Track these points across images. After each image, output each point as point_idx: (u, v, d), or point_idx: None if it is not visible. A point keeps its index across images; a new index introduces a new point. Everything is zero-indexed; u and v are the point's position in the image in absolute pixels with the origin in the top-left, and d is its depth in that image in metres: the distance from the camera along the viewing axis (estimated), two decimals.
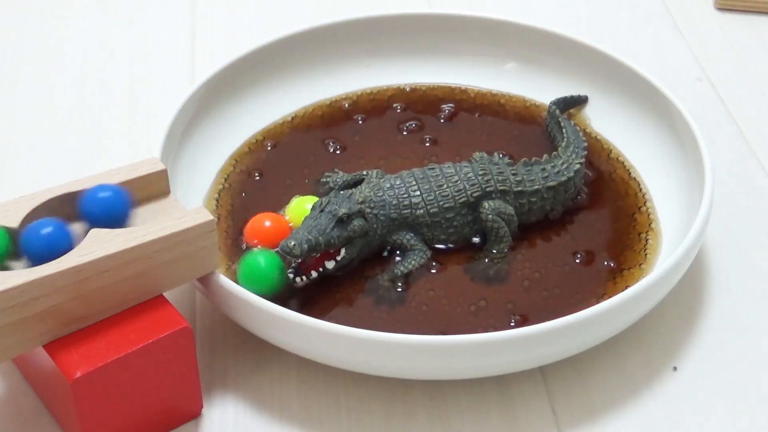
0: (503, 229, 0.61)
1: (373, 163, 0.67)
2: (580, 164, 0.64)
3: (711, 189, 0.59)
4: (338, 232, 0.58)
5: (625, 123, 0.69)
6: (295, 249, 0.56)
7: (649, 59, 0.79)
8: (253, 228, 0.60)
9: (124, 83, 0.79)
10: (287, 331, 0.53)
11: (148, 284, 0.52)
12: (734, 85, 0.78)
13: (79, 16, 0.86)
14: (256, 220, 0.61)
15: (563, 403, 0.56)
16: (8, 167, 0.71)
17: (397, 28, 0.74)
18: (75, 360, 0.49)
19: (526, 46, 0.73)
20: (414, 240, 0.60)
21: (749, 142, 0.73)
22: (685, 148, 0.64)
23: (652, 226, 0.63)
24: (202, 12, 0.86)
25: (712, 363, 0.58)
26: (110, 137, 0.74)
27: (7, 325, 0.48)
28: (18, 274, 0.48)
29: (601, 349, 0.57)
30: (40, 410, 0.55)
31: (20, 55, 0.81)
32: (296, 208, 0.62)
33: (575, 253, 0.62)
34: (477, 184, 0.61)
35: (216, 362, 0.58)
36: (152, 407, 0.53)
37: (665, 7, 0.87)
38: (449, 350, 0.52)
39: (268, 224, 0.60)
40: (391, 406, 0.56)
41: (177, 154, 0.64)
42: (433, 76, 0.74)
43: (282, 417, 0.55)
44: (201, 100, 0.67)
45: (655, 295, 0.56)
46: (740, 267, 0.63)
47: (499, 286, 0.59)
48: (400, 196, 0.60)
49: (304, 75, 0.73)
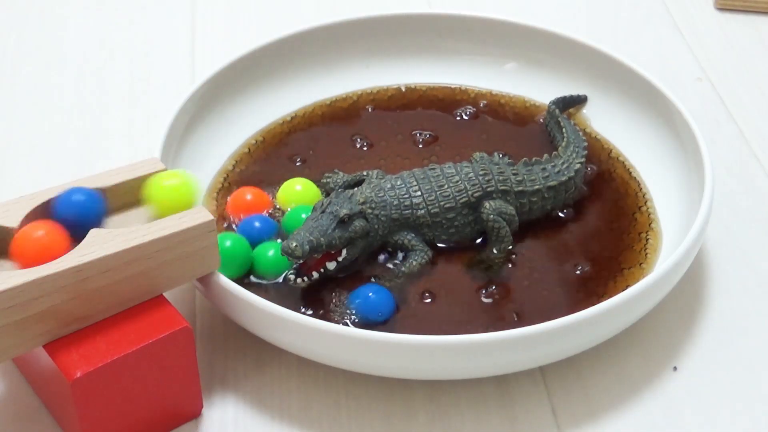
0: (504, 229, 0.61)
1: (373, 163, 0.68)
2: (580, 164, 0.64)
3: (711, 189, 0.59)
4: (339, 233, 0.58)
5: (625, 123, 0.69)
6: (296, 250, 0.56)
7: (649, 59, 0.79)
8: (235, 201, 0.63)
9: (124, 83, 0.79)
10: (287, 331, 0.53)
11: (148, 284, 0.52)
12: (734, 85, 0.78)
13: (79, 16, 0.86)
14: (238, 194, 0.63)
15: (563, 403, 0.56)
16: (8, 167, 0.71)
17: (397, 28, 0.74)
18: (75, 360, 0.49)
19: (526, 46, 0.73)
20: (415, 240, 0.60)
21: (749, 142, 0.73)
22: (685, 148, 0.64)
23: (652, 225, 0.63)
24: (202, 12, 0.86)
25: (712, 363, 0.58)
26: (110, 137, 0.74)
27: (7, 325, 0.48)
28: (18, 274, 0.48)
29: (601, 349, 0.57)
30: (40, 410, 0.55)
31: (20, 55, 0.81)
32: (284, 189, 0.63)
33: (575, 252, 0.62)
34: (478, 184, 0.61)
35: (216, 362, 0.58)
36: (152, 407, 0.53)
37: (665, 7, 0.87)
38: (449, 350, 0.52)
39: (249, 197, 0.63)
40: (391, 406, 0.56)
41: (177, 154, 0.64)
42: (433, 76, 0.74)
43: (282, 417, 0.55)
44: (201, 100, 0.67)
45: (655, 295, 0.56)
46: (740, 267, 0.63)
47: (500, 285, 0.59)
48: (401, 197, 0.60)
49: (304, 75, 0.73)
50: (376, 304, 0.57)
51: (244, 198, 0.63)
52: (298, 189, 0.63)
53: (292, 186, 0.64)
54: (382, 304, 0.57)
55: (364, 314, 0.56)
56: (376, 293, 0.57)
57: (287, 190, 0.63)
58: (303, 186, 0.64)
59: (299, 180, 0.64)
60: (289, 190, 0.63)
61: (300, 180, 0.64)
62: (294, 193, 0.63)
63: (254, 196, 0.63)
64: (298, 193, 0.63)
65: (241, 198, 0.63)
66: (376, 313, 0.56)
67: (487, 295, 0.59)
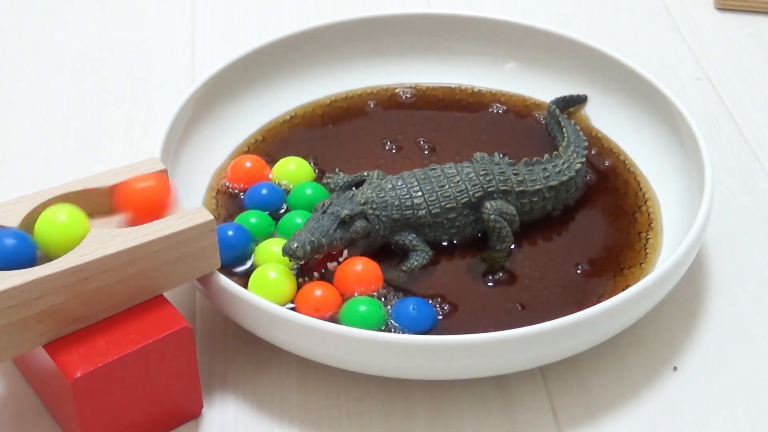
0: (505, 229, 0.61)
1: (373, 163, 0.68)
2: (581, 163, 0.64)
3: (711, 189, 0.59)
4: (341, 234, 0.58)
5: (625, 123, 0.69)
6: (298, 251, 0.56)
7: (649, 59, 0.79)
8: (235, 169, 0.65)
9: (124, 83, 0.79)
10: (287, 331, 0.53)
11: (148, 284, 0.52)
12: (734, 85, 0.78)
13: (79, 16, 0.86)
14: (237, 161, 0.65)
15: (563, 403, 0.56)
16: (8, 167, 0.71)
17: (397, 28, 0.74)
18: (75, 360, 0.49)
19: (526, 46, 0.73)
20: (416, 240, 0.60)
21: (749, 142, 0.73)
22: (685, 148, 0.64)
23: (652, 225, 0.63)
24: (202, 12, 0.86)
25: (712, 363, 0.58)
26: (110, 137, 0.74)
27: (7, 325, 0.48)
28: (18, 274, 0.48)
29: (601, 349, 0.57)
30: (40, 410, 0.55)
31: (20, 55, 0.81)
32: (279, 166, 0.65)
33: (576, 252, 0.62)
34: (479, 184, 0.61)
35: (216, 362, 0.58)
36: (152, 407, 0.53)
37: (665, 7, 0.87)
38: (449, 350, 0.52)
39: (249, 165, 0.65)
40: (391, 406, 0.56)
41: (177, 154, 0.64)
42: (433, 75, 0.74)
43: (282, 417, 0.55)
44: (201, 100, 0.67)
45: (655, 295, 0.56)
46: (740, 267, 0.63)
47: (501, 285, 0.59)
48: (402, 197, 0.60)
49: (304, 75, 0.73)
50: (417, 318, 0.56)
51: (244, 166, 0.65)
52: (291, 168, 0.65)
53: (286, 164, 0.65)
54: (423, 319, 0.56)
55: (409, 329, 0.56)
56: (417, 306, 0.56)
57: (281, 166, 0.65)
58: (297, 165, 0.65)
59: (291, 159, 0.66)
60: (282, 167, 0.65)
61: (292, 159, 0.66)
62: (286, 170, 0.65)
63: (254, 163, 0.65)
64: (292, 172, 0.65)
65: (241, 166, 0.65)
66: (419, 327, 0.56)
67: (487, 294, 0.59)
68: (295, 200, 0.63)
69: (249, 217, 0.61)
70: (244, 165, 0.65)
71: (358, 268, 0.58)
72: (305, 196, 0.62)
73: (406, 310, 0.56)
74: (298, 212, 0.61)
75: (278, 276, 0.57)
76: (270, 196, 0.63)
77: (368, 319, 0.55)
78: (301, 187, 0.63)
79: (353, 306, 0.56)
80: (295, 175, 0.65)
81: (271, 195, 0.63)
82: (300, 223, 0.60)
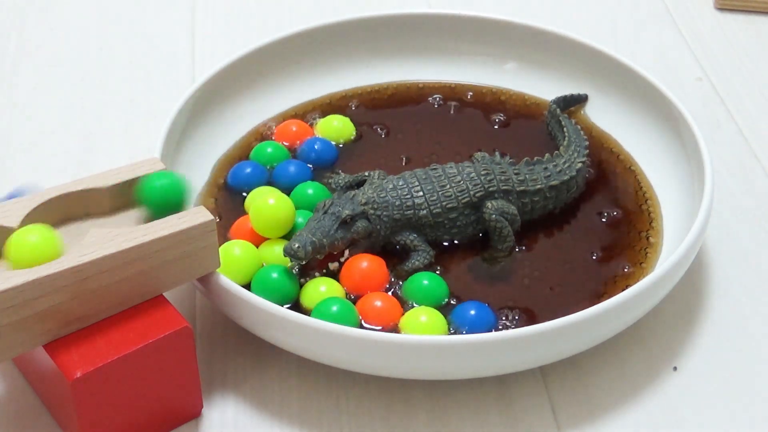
0: (506, 229, 0.61)
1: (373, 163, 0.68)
2: (582, 163, 0.64)
3: (711, 189, 0.59)
4: (342, 234, 0.58)
5: (625, 122, 0.69)
6: (299, 251, 0.56)
7: (649, 59, 0.79)
8: (282, 131, 0.69)
9: (124, 83, 0.79)
10: (287, 331, 0.53)
11: (148, 284, 0.52)
12: (734, 85, 0.78)
13: (79, 16, 0.86)
14: (285, 125, 0.69)
15: (563, 403, 0.56)
16: (8, 167, 0.71)
17: (397, 28, 0.74)
18: (75, 360, 0.49)
19: (526, 46, 0.73)
20: (418, 240, 0.60)
21: (749, 142, 0.73)
22: (685, 148, 0.64)
23: (652, 224, 0.63)
24: (202, 12, 0.86)
25: (712, 363, 0.58)
26: (110, 137, 0.74)
27: (7, 325, 0.48)
28: (18, 274, 0.48)
29: (601, 349, 0.57)
30: (40, 410, 0.55)
31: (20, 55, 0.81)
32: (323, 123, 0.69)
33: (576, 252, 0.62)
34: (480, 184, 0.61)
35: (216, 362, 0.58)
36: (152, 407, 0.52)
37: (665, 7, 0.87)
38: (449, 350, 0.52)
39: (294, 129, 0.69)
40: (391, 406, 0.56)
41: (177, 154, 0.64)
42: (433, 75, 0.74)
43: (282, 417, 0.55)
44: (201, 100, 0.67)
45: (655, 295, 0.56)
46: (740, 267, 0.63)
47: (501, 285, 0.59)
48: (402, 197, 0.60)
49: (304, 75, 0.73)
50: (477, 321, 0.56)
51: (290, 129, 0.69)
52: (335, 124, 0.69)
53: (329, 122, 0.69)
54: (483, 321, 0.56)
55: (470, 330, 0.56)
56: (477, 310, 0.56)
57: (325, 123, 0.69)
58: (339, 121, 0.70)
59: (334, 116, 0.70)
60: (327, 124, 0.69)
61: (335, 116, 0.70)
62: (329, 127, 0.69)
63: (299, 127, 0.69)
64: (336, 128, 0.69)
65: (288, 129, 0.69)
66: (480, 329, 0.56)
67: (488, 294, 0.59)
68: (296, 201, 0.62)
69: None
70: (290, 128, 0.69)
71: (364, 266, 0.58)
72: (306, 195, 0.62)
73: (466, 313, 0.56)
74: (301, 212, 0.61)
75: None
76: (323, 151, 0.67)
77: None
78: (302, 187, 0.63)
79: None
80: (340, 131, 0.69)
81: (324, 149, 0.67)
82: (301, 223, 0.60)
